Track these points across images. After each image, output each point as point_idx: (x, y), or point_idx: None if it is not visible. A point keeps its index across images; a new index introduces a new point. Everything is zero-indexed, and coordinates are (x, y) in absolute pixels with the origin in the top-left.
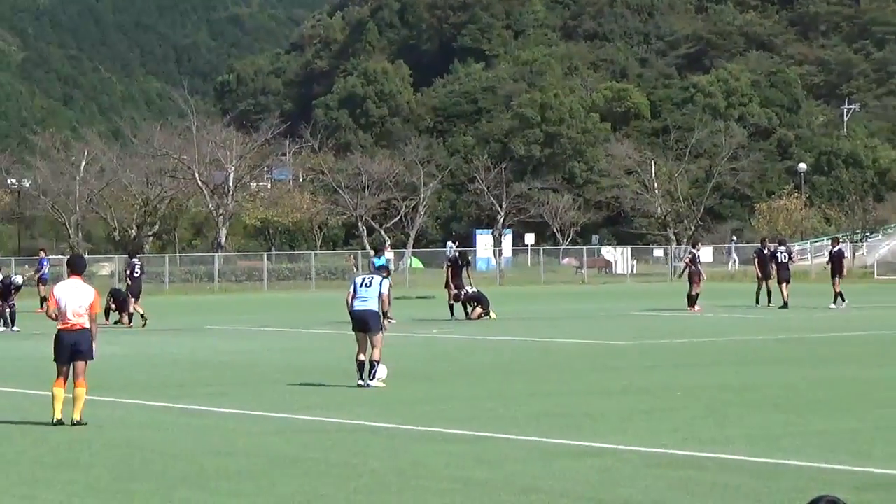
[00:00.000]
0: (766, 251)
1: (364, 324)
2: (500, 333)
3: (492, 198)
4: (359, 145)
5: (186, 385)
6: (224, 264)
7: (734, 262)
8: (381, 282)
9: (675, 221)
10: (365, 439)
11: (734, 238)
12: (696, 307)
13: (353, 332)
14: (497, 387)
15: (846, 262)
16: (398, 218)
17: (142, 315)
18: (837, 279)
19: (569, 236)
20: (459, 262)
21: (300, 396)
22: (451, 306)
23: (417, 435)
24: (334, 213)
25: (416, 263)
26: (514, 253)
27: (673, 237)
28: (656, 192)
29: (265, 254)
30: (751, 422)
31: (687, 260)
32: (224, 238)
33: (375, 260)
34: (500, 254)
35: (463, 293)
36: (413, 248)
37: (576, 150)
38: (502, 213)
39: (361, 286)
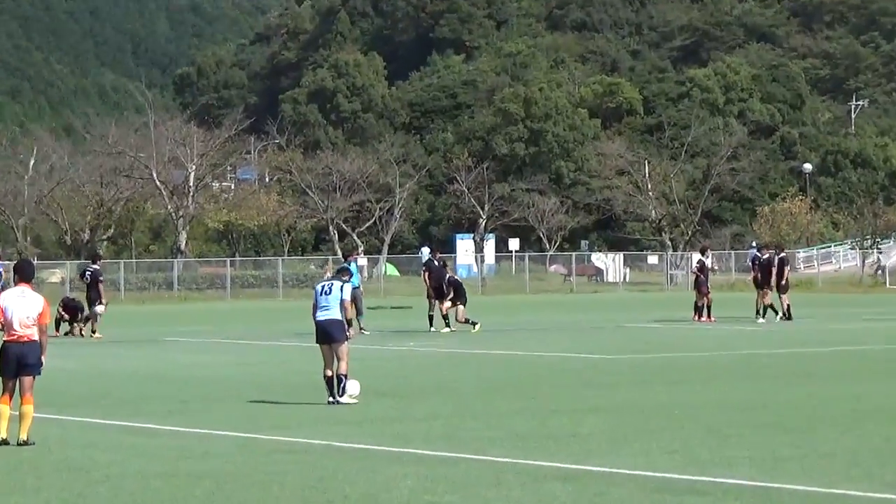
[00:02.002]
0: (764, 258)
1: (327, 335)
2: (482, 347)
3: (473, 200)
4: (329, 143)
5: (142, 401)
6: (184, 271)
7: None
8: (342, 287)
9: (671, 226)
10: (335, 461)
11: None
12: (710, 318)
13: (320, 346)
14: (478, 404)
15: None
16: (372, 221)
17: (91, 329)
18: (787, 293)
19: (556, 242)
20: (436, 263)
21: (265, 414)
22: (430, 317)
23: (392, 456)
24: (303, 216)
25: (392, 270)
26: (498, 259)
27: (668, 243)
28: (650, 194)
29: (228, 259)
30: (753, 443)
31: (696, 268)
32: (184, 242)
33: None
34: (483, 260)
35: (448, 278)
36: (388, 254)
37: (563, 148)
38: (484, 217)
39: (322, 294)
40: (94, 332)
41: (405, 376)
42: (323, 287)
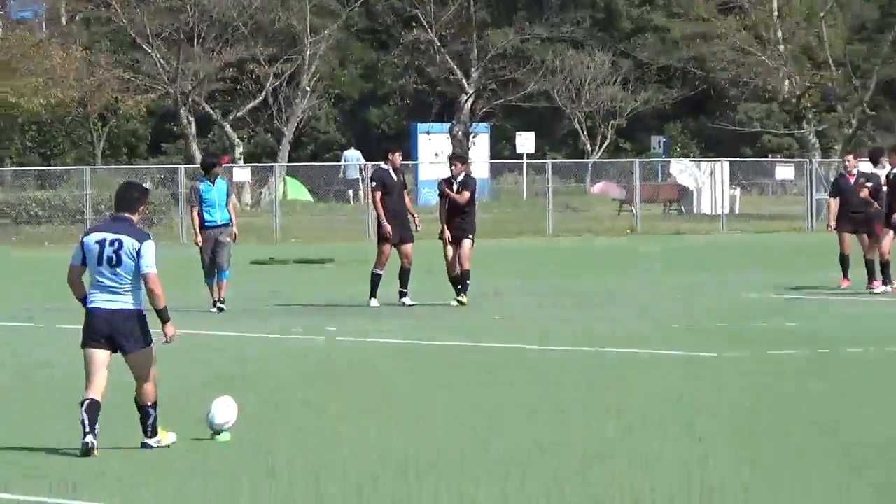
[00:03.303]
0: None
1: (111, 335)
2: (464, 334)
3: (449, 59)
4: None
5: None
6: None
7: None
8: (140, 250)
9: (819, 109)
10: None
11: None
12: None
13: (84, 349)
14: (443, 433)
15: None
16: (261, 99)
17: None
18: None
19: (606, 139)
20: (394, 174)
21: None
22: (374, 277)
23: None
24: (132, 88)
25: (298, 191)
26: (497, 171)
27: (814, 139)
28: (780, 47)
29: None
30: None
31: (866, 190)
32: None
33: (203, 187)
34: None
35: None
36: (290, 160)
37: None
38: (471, 91)
39: (102, 262)
40: None
41: (310, 382)
42: (102, 246)
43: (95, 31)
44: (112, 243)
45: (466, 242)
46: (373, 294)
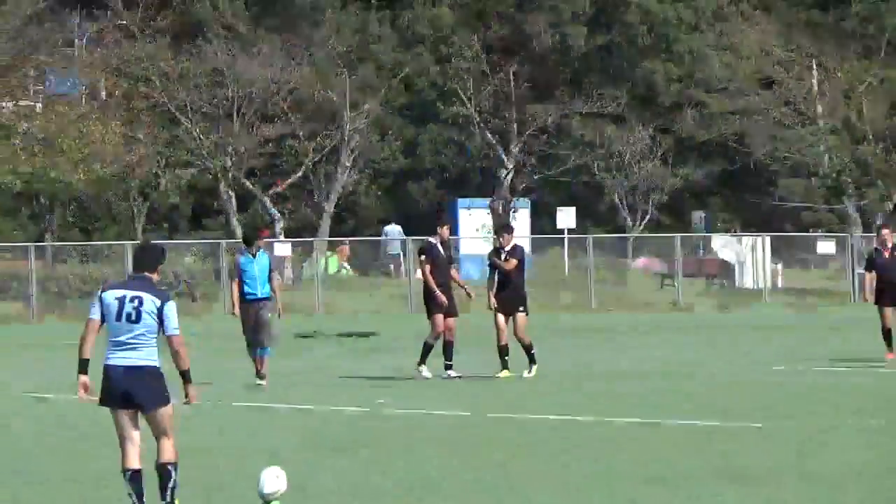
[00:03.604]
0: None
1: (130, 394)
2: (513, 406)
3: (490, 134)
4: (221, 26)
5: None
6: None
7: None
8: (163, 308)
9: (860, 184)
10: None
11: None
12: None
13: (109, 410)
14: None
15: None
16: (300, 174)
17: None
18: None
19: (646, 214)
20: (441, 249)
21: None
22: (426, 346)
23: None
24: (172, 162)
25: (337, 266)
26: (537, 246)
27: (854, 214)
28: (820, 123)
29: (32, 245)
30: None
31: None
32: None
33: (243, 259)
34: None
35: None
36: (332, 235)
37: (658, 36)
38: (510, 166)
39: (121, 318)
40: None
41: (358, 466)
42: (121, 303)
43: (135, 106)
44: (132, 300)
45: (521, 316)
46: (422, 361)
